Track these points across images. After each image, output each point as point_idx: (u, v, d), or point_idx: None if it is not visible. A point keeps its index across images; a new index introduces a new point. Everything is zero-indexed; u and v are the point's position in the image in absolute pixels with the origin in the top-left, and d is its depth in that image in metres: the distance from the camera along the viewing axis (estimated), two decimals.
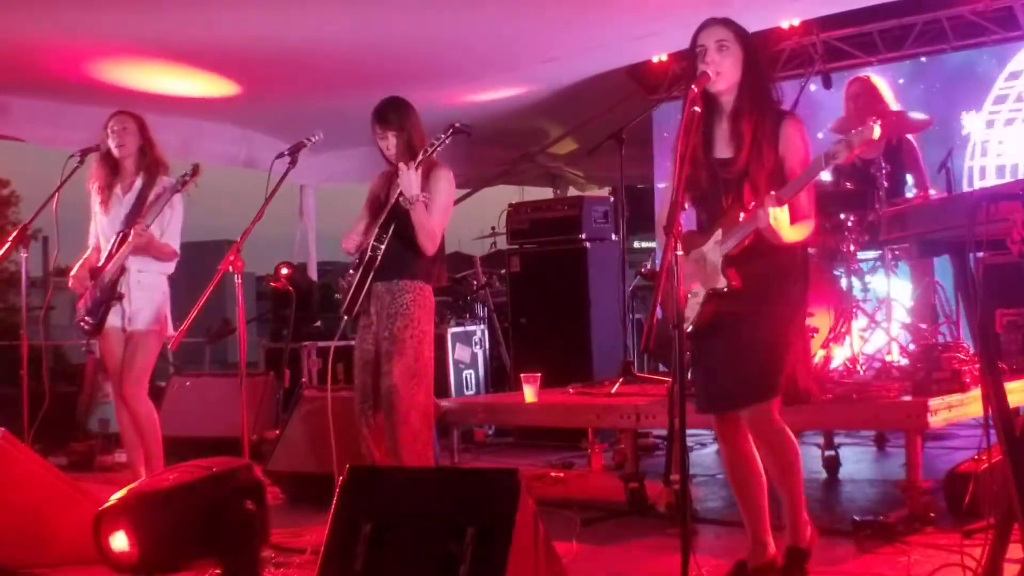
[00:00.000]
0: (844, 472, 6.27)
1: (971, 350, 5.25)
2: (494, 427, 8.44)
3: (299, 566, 4.44)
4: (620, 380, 6.20)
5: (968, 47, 8.46)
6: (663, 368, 6.92)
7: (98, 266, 5.65)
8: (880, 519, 4.67)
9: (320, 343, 8.87)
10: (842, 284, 5.94)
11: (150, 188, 5.64)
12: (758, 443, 3.89)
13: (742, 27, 3.87)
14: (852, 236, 5.89)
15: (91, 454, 7.86)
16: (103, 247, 5.71)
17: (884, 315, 5.92)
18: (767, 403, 3.81)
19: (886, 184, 5.83)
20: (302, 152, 4.99)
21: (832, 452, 6.27)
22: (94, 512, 4.02)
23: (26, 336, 6.05)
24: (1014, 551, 3.28)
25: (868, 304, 6.05)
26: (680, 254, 3.50)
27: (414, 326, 4.81)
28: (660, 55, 9.15)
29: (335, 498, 3.64)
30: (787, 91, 4.52)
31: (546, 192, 12.87)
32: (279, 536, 4.86)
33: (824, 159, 3.59)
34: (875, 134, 3.53)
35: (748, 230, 3.70)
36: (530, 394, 6.05)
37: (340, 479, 3.68)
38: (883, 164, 5.86)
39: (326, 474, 4.66)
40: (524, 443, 8.04)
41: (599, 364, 7.76)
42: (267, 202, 4.84)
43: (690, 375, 4.50)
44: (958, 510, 4.56)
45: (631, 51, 8.72)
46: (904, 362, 5.68)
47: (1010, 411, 3.20)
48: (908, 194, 6.31)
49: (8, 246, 5.71)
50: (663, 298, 3.64)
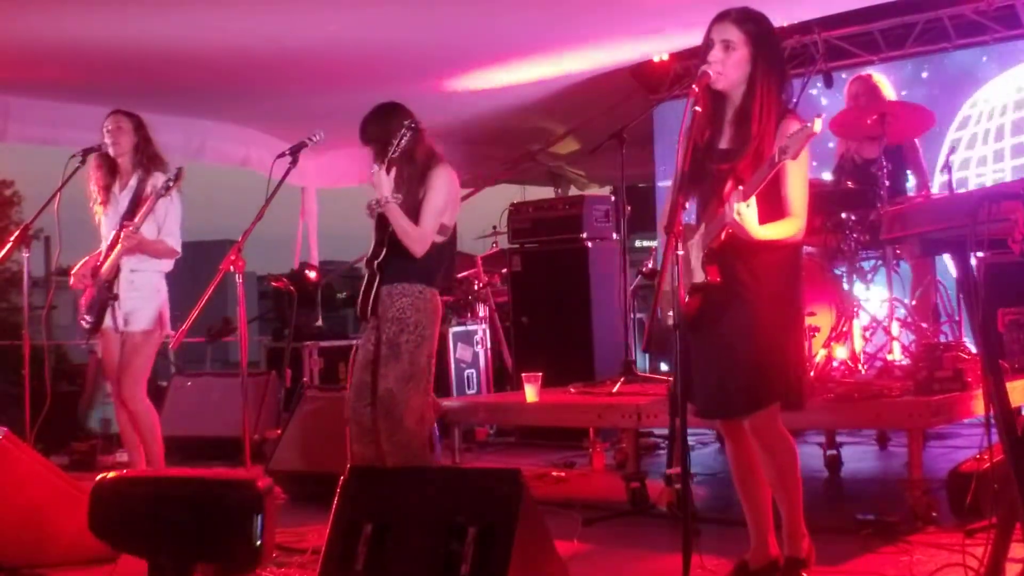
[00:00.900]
0: (846, 471, 6.26)
1: (973, 349, 5.25)
2: (496, 427, 8.44)
3: (300, 566, 4.44)
4: (621, 379, 6.20)
5: (970, 46, 8.45)
6: (664, 367, 6.93)
7: (97, 265, 5.69)
8: (882, 518, 4.67)
9: (322, 343, 8.88)
10: (843, 283, 5.94)
11: (145, 186, 5.67)
12: (759, 450, 3.86)
13: (757, 21, 3.75)
14: (853, 235, 5.88)
15: (92, 454, 7.86)
16: (105, 244, 5.74)
17: (886, 314, 5.92)
18: (767, 410, 3.79)
19: (887, 183, 5.83)
20: (303, 152, 4.99)
21: (834, 451, 6.27)
22: None
23: (28, 336, 6.06)
24: (1016, 550, 3.28)
25: (869, 303, 6.04)
26: (681, 253, 3.49)
27: (410, 331, 4.79)
28: (662, 55, 9.15)
29: (336, 498, 3.64)
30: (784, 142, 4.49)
31: (547, 191, 12.87)
32: (281, 536, 4.86)
33: (778, 154, 3.48)
34: (817, 127, 3.42)
35: (722, 226, 3.65)
36: (531, 394, 6.05)
37: (341, 479, 3.69)
38: (884, 163, 5.85)
39: (327, 473, 4.65)
40: (526, 443, 8.05)
41: (600, 363, 7.75)
42: (268, 202, 4.85)
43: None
44: (960, 509, 4.55)
45: (633, 51, 8.72)
46: (906, 361, 5.69)
47: (1011, 410, 3.20)
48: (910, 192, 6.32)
49: (10, 246, 5.72)
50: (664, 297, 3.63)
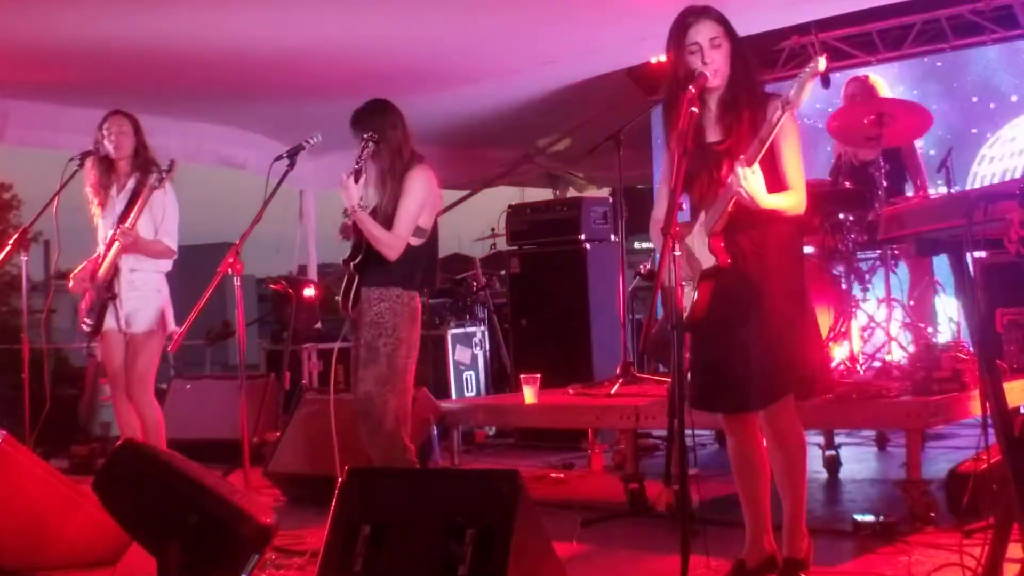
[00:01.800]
0: (845, 472, 6.27)
1: (971, 349, 5.25)
2: (495, 428, 8.45)
3: (299, 568, 4.44)
4: (620, 381, 6.20)
5: (968, 46, 8.45)
6: (663, 368, 6.93)
7: (95, 268, 5.69)
8: (881, 519, 4.68)
9: (320, 345, 8.88)
10: (842, 284, 5.95)
11: (142, 188, 5.66)
12: (773, 442, 3.87)
13: (722, 14, 3.82)
14: (851, 236, 5.89)
15: (92, 457, 7.85)
16: (102, 247, 5.75)
17: (884, 314, 5.93)
18: (783, 401, 3.81)
19: (885, 183, 5.84)
20: (301, 155, 5.00)
21: (833, 452, 6.27)
22: (96, 515, 4.03)
23: (27, 339, 6.06)
24: (1014, 551, 3.29)
25: (867, 303, 6.05)
26: (678, 254, 3.50)
27: (387, 334, 4.80)
28: (659, 56, 9.14)
29: (334, 499, 3.65)
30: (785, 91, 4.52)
31: (546, 193, 12.87)
32: (280, 538, 4.86)
33: (781, 106, 3.54)
34: (821, 66, 3.47)
35: (727, 200, 3.66)
36: (530, 395, 6.05)
37: (340, 481, 3.69)
38: (882, 163, 5.86)
39: (326, 476, 4.67)
40: (524, 444, 8.05)
41: (599, 365, 7.76)
42: (265, 205, 4.86)
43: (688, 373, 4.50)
44: (958, 510, 4.56)
45: (630, 53, 8.72)
46: (904, 361, 5.69)
47: (1008, 411, 3.20)
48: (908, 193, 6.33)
49: (9, 250, 5.73)
50: (663, 298, 3.63)
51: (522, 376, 6.19)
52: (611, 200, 8.75)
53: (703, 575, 3.92)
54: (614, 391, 6.04)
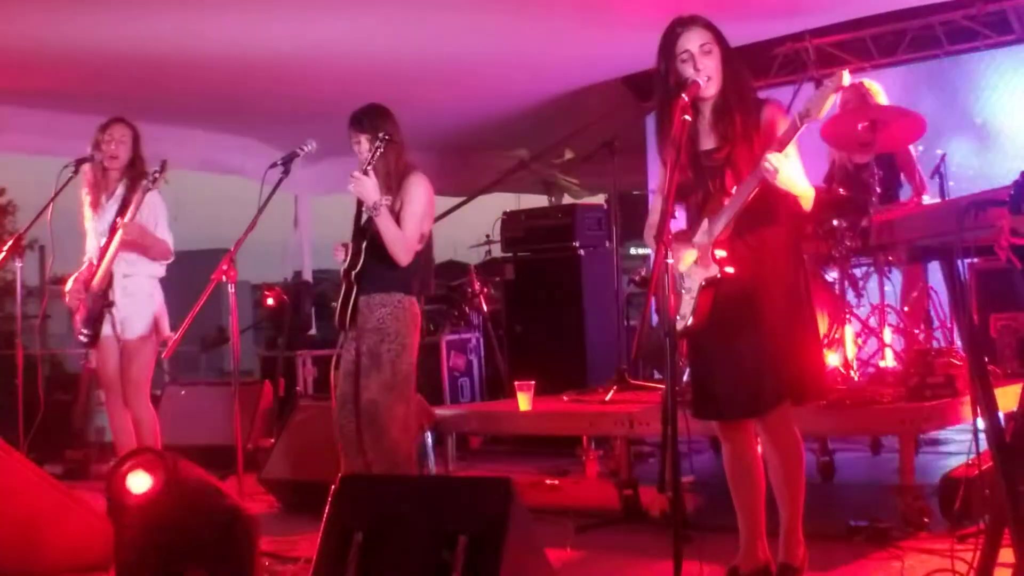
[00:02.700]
0: (839, 477, 6.27)
1: (964, 355, 5.26)
2: (489, 435, 8.44)
3: (292, 574, 4.44)
4: (614, 387, 6.21)
5: (961, 52, 8.47)
6: (657, 375, 6.93)
7: (89, 277, 5.69)
8: (874, 524, 4.68)
9: (315, 352, 8.88)
10: (835, 289, 5.96)
11: (132, 193, 5.66)
12: (770, 448, 3.87)
13: (709, 20, 3.85)
14: (845, 242, 5.89)
15: (86, 463, 7.87)
16: (93, 256, 5.74)
17: (877, 320, 5.93)
18: (781, 408, 3.81)
19: (879, 189, 5.84)
20: (296, 161, 5.00)
21: (827, 458, 6.27)
22: (89, 520, 4.03)
23: (22, 345, 6.06)
24: (1006, 555, 3.29)
25: (861, 309, 6.06)
26: (671, 261, 3.50)
27: (390, 340, 4.79)
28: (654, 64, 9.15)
29: (327, 506, 3.65)
30: (781, 98, 4.54)
31: (541, 200, 12.87)
32: (273, 544, 4.87)
33: (799, 119, 3.58)
34: (845, 80, 3.52)
35: (745, 193, 3.66)
36: (524, 402, 6.06)
37: (333, 487, 3.69)
38: (876, 170, 5.86)
39: (320, 482, 4.66)
40: (519, 450, 8.04)
41: (594, 371, 7.76)
42: (260, 212, 4.85)
43: (686, 378, 4.51)
44: (951, 515, 4.57)
45: (625, 62, 8.73)
46: (898, 367, 5.70)
47: (998, 416, 3.21)
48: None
49: (4, 255, 5.73)
50: (656, 305, 3.64)
51: (517, 383, 6.19)
52: (606, 207, 8.76)
53: None
54: (608, 398, 6.05)
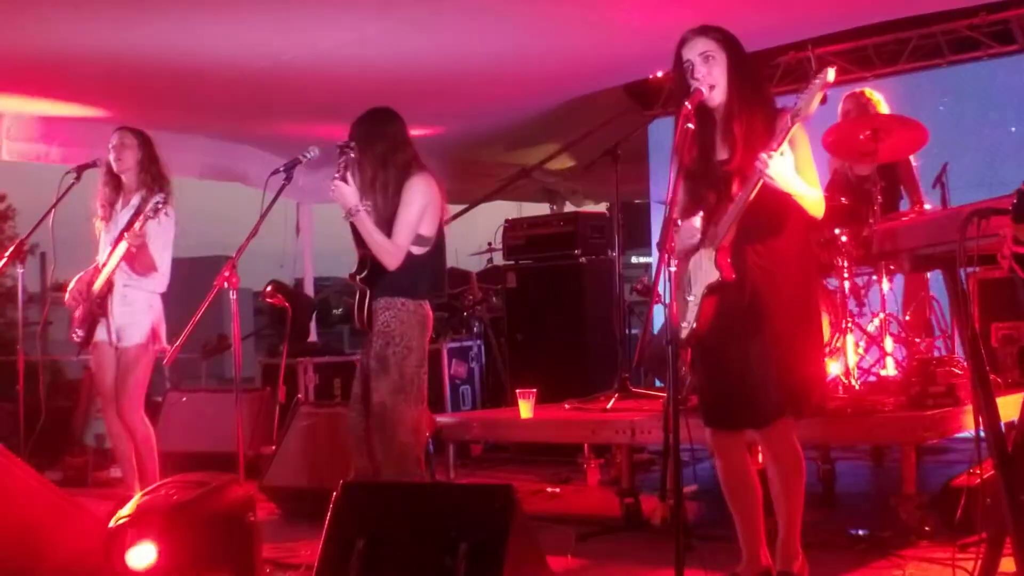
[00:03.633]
0: (840, 486, 6.25)
1: (965, 364, 5.25)
2: (491, 442, 8.44)
3: None
4: (616, 395, 6.20)
5: (963, 61, 8.47)
6: (659, 383, 6.93)
7: (92, 279, 5.69)
8: (875, 533, 4.68)
9: (316, 359, 8.87)
10: (836, 299, 5.95)
11: (147, 205, 5.64)
12: (771, 461, 3.87)
13: (720, 29, 3.84)
14: (846, 251, 5.89)
15: (86, 469, 7.86)
16: (100, 261, 5.75)
17: (879, 329, 5.93)
18: (783, 420, 3.80)
19: (880, 199, 5.84)
20: (298, 168, 4.99)
21: (828, 466, 6.26)
22: (89, 527, 4.02)
23: (23, 351, 6.06)
24: (1007, 565, 3.29)
25: (863, 319, 6.05)
26: (673, 269, 3.50)
27: (396, 343, 4.80)
28: (657, 73, 9.17)
29: (329, 513, 3.65)
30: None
31: (543, 208, 12.88)
32: (275, 551, 4.86)
33: (791, 117, 3.59)
34: (830, 77, 3.52)
35: (739, 208, 3.66)
36: (526, 410, 6.06)
37: (334, 494, 3.69)
38: (877, 179, 5.87)
39: (321, 489, 4.66)
40: (520, 458, 8.04)
41: (595, 379, 7.74)
42: (262, 219, 4.84)
43: (690, 382, 4.50)
44: (952, 524, 4.56)
45: (628, 70, 8.74)
46: (899, 376, 5.69)
47: (1000, 425, 3.21)
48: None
49: (5, 261, 5.74)
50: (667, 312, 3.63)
51: (518, 391, 6.19)
52: (608, 215, 8.76)
53: None
54: (610, 406, 6.05)
